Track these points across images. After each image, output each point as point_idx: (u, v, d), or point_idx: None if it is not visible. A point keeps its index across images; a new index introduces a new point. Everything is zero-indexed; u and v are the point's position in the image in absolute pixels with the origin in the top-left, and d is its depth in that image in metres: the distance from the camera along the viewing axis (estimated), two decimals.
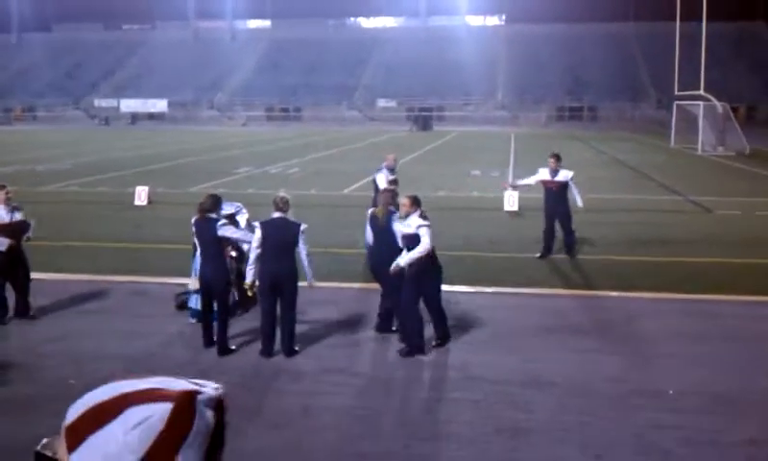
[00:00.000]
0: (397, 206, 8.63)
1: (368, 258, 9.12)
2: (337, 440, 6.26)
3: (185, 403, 1.29)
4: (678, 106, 46.76)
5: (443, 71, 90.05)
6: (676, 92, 46.75)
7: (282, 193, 8.34)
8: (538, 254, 13.44)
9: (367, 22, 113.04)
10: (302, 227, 8.06)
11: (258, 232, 7.98)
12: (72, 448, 1.29)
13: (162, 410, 1.28)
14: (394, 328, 8.75)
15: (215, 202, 8.45)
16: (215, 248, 8.17)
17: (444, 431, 6.41)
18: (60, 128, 73.47)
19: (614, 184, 25.41)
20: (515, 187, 15.82)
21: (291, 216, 8.23)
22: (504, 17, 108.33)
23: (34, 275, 11.53)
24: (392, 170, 13.97)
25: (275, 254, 7.94)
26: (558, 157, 13.60)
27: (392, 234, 8.40)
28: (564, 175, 13.54)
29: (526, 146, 45.64)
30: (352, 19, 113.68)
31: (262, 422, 6.61)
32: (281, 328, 8.10)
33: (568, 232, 13.57)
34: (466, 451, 6.01)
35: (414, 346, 8.08)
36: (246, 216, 9.89)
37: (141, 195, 19.97)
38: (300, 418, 6.67)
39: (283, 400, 7.10)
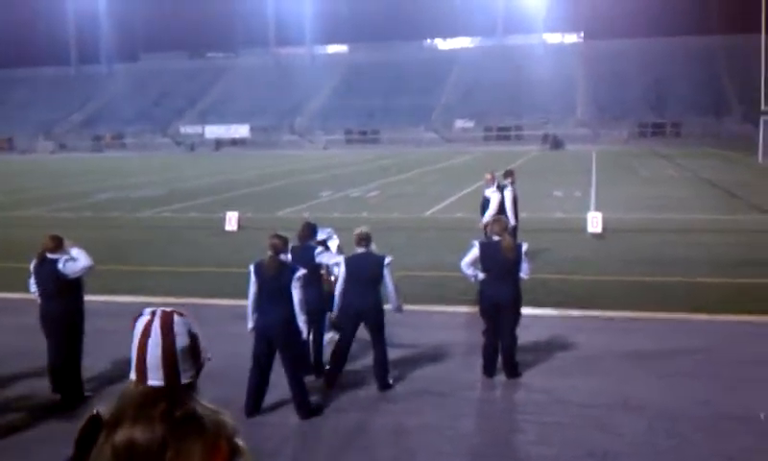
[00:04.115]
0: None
1: (485, 292, 8.45)
2: (431, 458, 6.50)
3: None
4: (765, 121, 45.55)
5: (520, 90, 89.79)
6: (763, 107, 45.57)
7: (363, 228, 8.39)
8: None
9: (443, 43, 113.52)
10: (387, 260, 8.03)
11: (343, 268, 8.03)
12: None
13: None
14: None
15: (312, 230, 8.83)
16: (313, 275, 8.53)
17: (536, 453, 6.58)
18: (148, 154, 76.17)
19: (699, 204, 25.01)
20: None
21: (374, 249, 8.27)
22: (582, 34, 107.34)
23: (134, 298, 12.21)
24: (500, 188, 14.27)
25: (359, 290, 7.98)
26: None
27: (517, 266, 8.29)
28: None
29: (608, 164, 45.16)
30: (429, 41, 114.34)
31: (359, 441, 6.92)
32: (374, 362, 8.18)
33: None
34: None
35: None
36: (337, 242, 10.22)
37: (231, 220, 20.68)
38: (394, 437, 6.96)
39: (377, 420, 7.38)
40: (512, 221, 13.59)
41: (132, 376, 2.22)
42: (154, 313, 2.26)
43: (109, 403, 2.20)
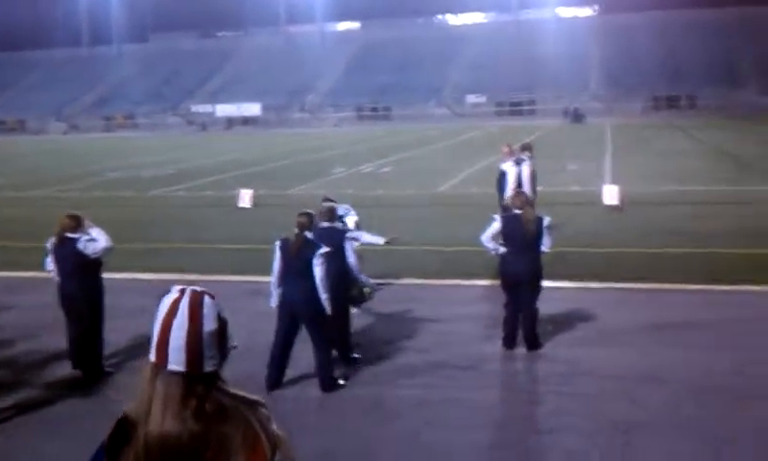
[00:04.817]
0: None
1: (506, 265, 8.40)
2: (453, 430, 6.44)
3: None
4: None
5: (533, 64, 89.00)
6: None
7: (328, 204, 8.48)
8: None
9: (455, 19, 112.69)
10: (349, 234, 8.24)
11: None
12: None
13: None
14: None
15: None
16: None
17: (559, 424, 6.50)
18: (159, 134, 76.12)
19: (715, 175, 24.73)
20: None
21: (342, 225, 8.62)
22: (596, 8, 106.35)
23: (150, 276, 12.21)
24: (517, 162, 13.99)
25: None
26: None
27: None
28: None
29: (623, 137, 44.79)
30: (441, 17, 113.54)
31: (380, 414, 6.87)
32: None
33: None
34: (582, 444, 6.08)
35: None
36: (354, 218, 10.18)
37: (245, 198, 20.61)
38: (415, 410, 6.90)
39: (398, 393, 7.32)
40: (529, 195, 13.47)
41: (152, 356, 2.05)
42: (183, 291, 2.09)
43: (132, 399, 2.07)
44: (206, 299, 2.09)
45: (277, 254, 7.41)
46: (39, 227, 17.50)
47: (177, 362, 2.02)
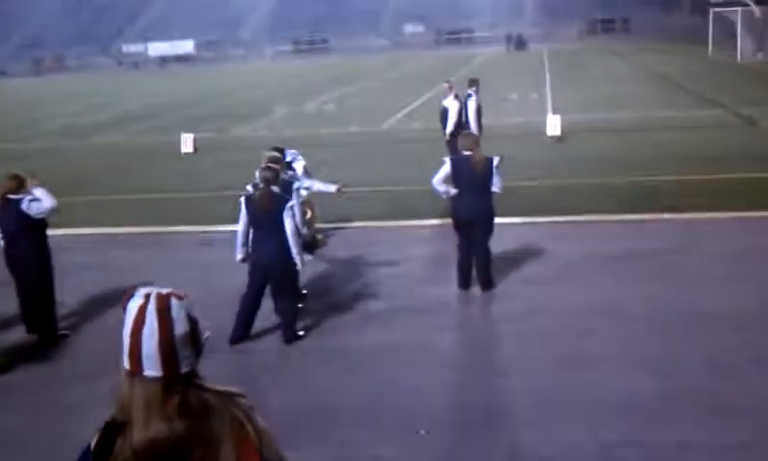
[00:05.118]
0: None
1: (458, 207, 8.46)
2: (417, 376, 6.56)
3: None
4: (714, 12, 45.62)
5: None
6: None
7: (274, 153, 8.31)
8: None
9: None
10: (298, 184, 8.22)
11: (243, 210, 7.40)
12: None
13: None
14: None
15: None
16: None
17: (520, 365, 6.67)
18: (91, 76, 73.80)
19: (654, 101, 25.11)
20: None
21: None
22: None
23: (99, 230, 12.02)
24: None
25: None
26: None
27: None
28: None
29: (561, 64, 45.00)
30: None
31: (343, 363, 6.95)
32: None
33: None
34: (545, 384, 6.24)
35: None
36: (302, 163, 10.10)
37: (187, 142, 20.22)
38: (378, 357, 7.00)
39: (359, 340, 7.41)
40: (474, 131, 13.55)
41: (125, 364, 2.02)
42: (148, 296, 2.02)
43: (113, 405, 2.06)
44: (173, 301, 2.04)
45: (243, 211, 7.33)
46: None
47: (152, 368, 2.00)
